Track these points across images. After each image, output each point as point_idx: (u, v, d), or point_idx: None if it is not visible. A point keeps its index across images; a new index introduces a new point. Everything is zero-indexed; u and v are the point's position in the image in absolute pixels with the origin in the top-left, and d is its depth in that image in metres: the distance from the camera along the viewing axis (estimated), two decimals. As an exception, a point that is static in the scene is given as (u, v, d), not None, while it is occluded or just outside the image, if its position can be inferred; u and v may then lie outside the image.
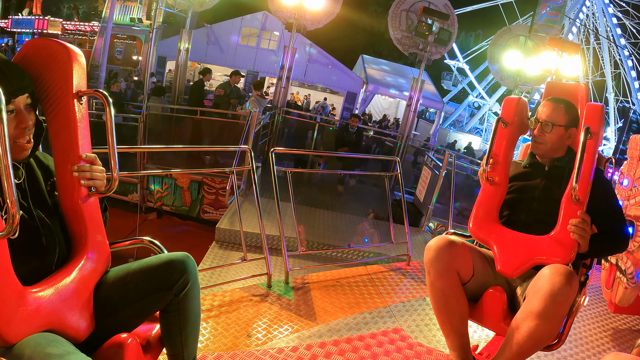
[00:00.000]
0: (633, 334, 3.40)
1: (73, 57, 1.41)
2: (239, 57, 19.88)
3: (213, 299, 2.96)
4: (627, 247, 2.06)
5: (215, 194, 7.73)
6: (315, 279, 3.57)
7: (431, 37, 9.31)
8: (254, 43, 19.99)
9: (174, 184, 7.82)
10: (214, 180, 7.62)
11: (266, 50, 20.21)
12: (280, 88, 9.29)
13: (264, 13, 19.28)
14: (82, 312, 1.41)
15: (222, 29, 19.13)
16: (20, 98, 1.31)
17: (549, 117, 2.07)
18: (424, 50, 9.55)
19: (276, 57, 19.87)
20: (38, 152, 1.47)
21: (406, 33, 9.58)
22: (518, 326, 1.77)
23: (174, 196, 7.93)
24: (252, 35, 19.98)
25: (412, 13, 9.50)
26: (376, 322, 2.95)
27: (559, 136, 2.07)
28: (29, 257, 1.32)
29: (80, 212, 1.45)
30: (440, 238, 1.99)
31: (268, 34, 19.91)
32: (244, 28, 19.65)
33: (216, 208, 7.76)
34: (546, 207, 2.03)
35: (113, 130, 1.47)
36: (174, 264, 1.55)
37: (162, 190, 7.90)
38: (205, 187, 7.67)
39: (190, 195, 7.84)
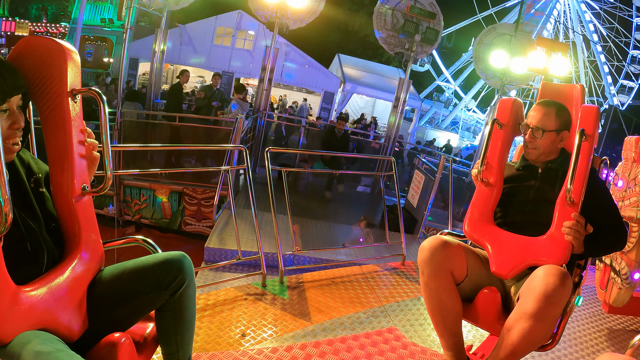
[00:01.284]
0: (627, 334, 3.42)
1: (68, 55, 1.41)
2: (214, 58, 19.43)
3: (207, 298, 2.98)
4: (625, 244, 2.07)
5: (198, 205, 7.42)
6: (309, 278, 3.58)
7: (418, 36, 8.86)
8: (229, 43, 19.54)
9: (152, 195, 7.46)
10: (195, 191, 7.35)
11: (242, 50, 19.72)
12: (262, 90, 8.68)
13: (239, 12, 18.89)
14: (75, 311, 1.41)
15: (195, 29, 18.53)
16: (14, 98, 1.31)
17: (539, 123, 2.07)
18: (410, 49, 9.14)
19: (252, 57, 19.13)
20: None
21: (392, 32, 9.19)
22: (512, 326, 1.77)
23: (153, 208, 7.57)
24: (226, 35, 19.48)
25: (397, 12, 9.09)
26: (371, 322, 2.97)
27: (550, 141, 2.08)
28: (16, 263, 1.28)
29: (73, 210, 1.45)
30: (435, 238, 1.98)
31: (243, 34, 19.40)
32: (218, 28, 19.18)
33: (199, 219, 7.46)
34: (540, 208, 2.04)
35: (107, 128, 1.47)
36: (170, 264, 1.55)
37: (140, 202, 7.54)
38: (186, 198, 7.37)
39: (171, 207, 7.49)
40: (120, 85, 8.73)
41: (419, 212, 7.55)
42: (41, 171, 1.49)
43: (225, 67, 19.40)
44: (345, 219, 7.64)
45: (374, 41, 33.40)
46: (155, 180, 7.42)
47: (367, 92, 22.09)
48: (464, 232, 2.16)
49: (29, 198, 1.41)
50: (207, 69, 19.73)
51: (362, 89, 21.43)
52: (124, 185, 7.42)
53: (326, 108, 20.19)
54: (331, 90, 20.13)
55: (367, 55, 31.15)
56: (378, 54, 32.46)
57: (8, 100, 1.28)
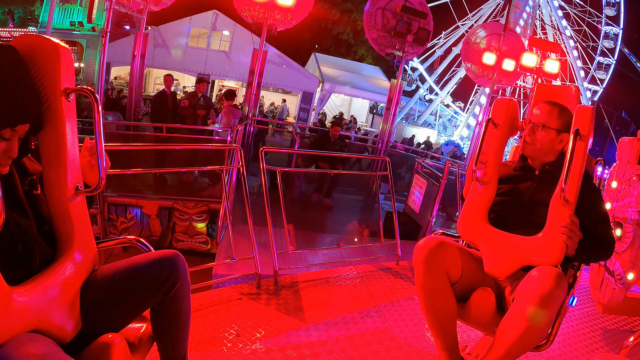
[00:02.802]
0: (621, 334, 3.43)
1: (62, 54, 1.40)
2: (189, 60, 19.02)
3: (202, 298, 3.00)
4: (612, 255, 2.10)
5: (189, 220, 7.01)
6: (304, 278, 3.59)
7: (410, 36, 8.50)
8: (204, 44, 18.96)
9: (140, 212, 7.01)
10: (186, 205, 6.96)
11: (217, 52, 19.35)
12: (251, 95, 8.13)
13: (214, 12, 18.52)
14: (68, 312, 1.40)
15: (169, 30, 17.91)
16: (24, 127, 1.31)
17: (541, 119, 2.09)
18: (401, 50, 8.76)
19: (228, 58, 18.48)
20: None
21: (382, 32, 8.85)
22: (507, 327, 1.80)
23: (141, 226, 7.14)
24: (201, 36, 18.74)
25: (388, 11, 8.71)
26: (365, 322, 2.98)
27: (549, 139, 2.09)
28: (7, 264, 1.27)
29: (67, 210, 1.45)
30: (429, 238, 2.00)
31: (219, 35, 18.69)
32: (193, 29, 18.54)
33: (191, 235, 7.06)
34: (535, 210, 2.05)
35: (101, 128, 1.46)
36: (163, 263, 1.56)
37: (126, 220, 7.04)
38: (176, 214, 6.99)
39: (160, 224, 7.06)
40: (101, 94, 7.98)
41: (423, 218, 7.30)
42: (36, 172, 1.48)
43: (201, 69, 18.95)
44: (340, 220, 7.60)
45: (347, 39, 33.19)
46: (143, 196, 7.06)
47: (346, 91, 21.94)
48: (458, 232, 2.18)
49: (21, 199, 1.40)
50: (182, 71, 19.16)
51: (341, 88, 21.29)
52: (107, 203, 6.94)
53: (305, 108, 20.00)
54: (310, 90, 19.97)
55: (341, 52, 30.91)
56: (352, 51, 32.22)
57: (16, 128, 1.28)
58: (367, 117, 26.97)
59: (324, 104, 20.99)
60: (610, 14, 29.91)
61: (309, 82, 20.04)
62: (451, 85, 29.27)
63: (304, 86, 19.85)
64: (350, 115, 24.30)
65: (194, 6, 19.07)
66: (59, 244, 1.46)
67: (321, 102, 20.37)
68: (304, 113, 19.85)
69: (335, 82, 20.88)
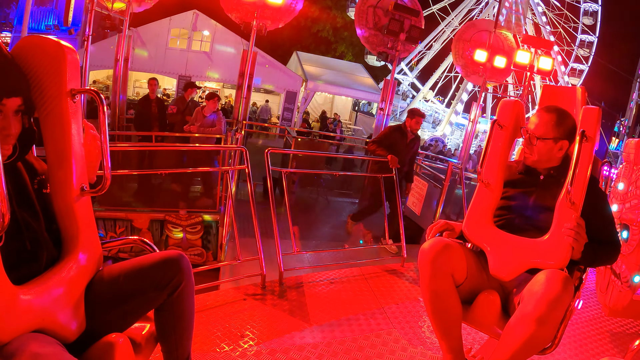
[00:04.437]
0: (627, 337, 3.41)
1: (67, 54, 1.39)
2: (169, 62, 18.74)
3: (206, 299, 3.02)
4: (618, 258, 2.08)
5: (183, 232, 6.73)
6: (309, 279, 3.59)
7: (403, 35, 8.23)
8: (185, 45, 18.49)
9: (130, 226, 6.65)
10: (179, 217, 6.68)
11: (198, 53, 19.07)
12: (242, 99, 7.75)
13: (194, 12, 18.14)
14: (73, 311, 1.41)
15: (148, 31, 17.40)
16: (12, 100, 1.28)
17: (537, 130, 2.07)
18: (394, 48, 8.49)
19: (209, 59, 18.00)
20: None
21: (374, 31, 8.57)
22: (513, 330, 1.79)
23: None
24: (182, 37, 18.18)
25: (379, 9, 8.44)
26: (370, 324, 2.98)
27: (547, 149, 2.07)
28: (15, 262, 1.28)
29: (72, 211, 1.46)
30: (435, 240, 1.98)
31: (199, 35, 18.20)
32: (172, 29, 18.01)
33: (185, 248, 6.76)
34: (539, 215, 2.05)
35: (106, 128, 1.46)
36: (167, 264, 1.56)
37: (116, 235, 6.68)
38: (169, 226, 6.70)
39: (152, 237, 6.76)
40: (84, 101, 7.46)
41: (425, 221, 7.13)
42: (45, 172, 1.48)
43: (182, 71, 18.47)
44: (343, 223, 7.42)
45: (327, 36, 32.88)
46: (132, 209, 6.73)
47: (329, 90, 21.84)
48: (464, 234, 2.16)
49: (30, 198, 1.41)
50: (163, 73, 18.67)
51: (325, 87, 21.10)
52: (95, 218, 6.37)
53: (289, 108, 19.59)
54: (293, 89, 19.69)
55: (321, 50, 30.70)
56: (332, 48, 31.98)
57: (4, 102, 1.26)
58: (350, 114, 26.76)
59: (307, 103, 20.68)
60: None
61: (292, 81, 19.87)
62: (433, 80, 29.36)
63: (287, 85, 19.68)
64: (333, 113, 24.04)
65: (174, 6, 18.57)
66: (64, 244, 1.47)
67: (305, 101, 20.06)
68: (287, 113, 19.51)
69: (318, 80, 20.66)
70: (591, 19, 30.54)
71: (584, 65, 31.14)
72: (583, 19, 30.27)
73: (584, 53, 30.79)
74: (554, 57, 10.21)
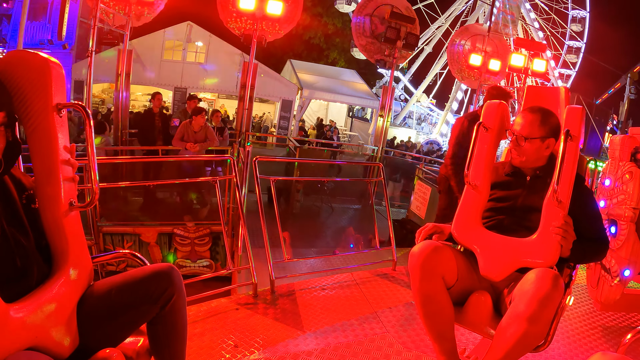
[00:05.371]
0: (620, 331, 3.42)
1: (52, 69, 1.41)
2: (164, 74, 18.64)
3: (199, 310, 3.00)
4: (606, 254, 2.15)
5: (191, 245, 6.76)
6: (300, 286, 3.59)
7: (400, 42, 8.37)
8: (180, 57, 18.42)
9: (138, 240, 6.71)
10: (187, 230, 6.72)
11: (193, 64, 19.06)
12: (243, 110, 7.81)
13: (188, 24, 18.14)
14: (65, 327, 1.41)
15: (143, 44, 17.21)
16: None
17: (523, 131, 2.11)
18: (391, 55, 8.62)
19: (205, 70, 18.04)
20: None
21: (371, 39, 8.69)
22: (505, 330, 1.80)
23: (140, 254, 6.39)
24: (176, 48, 18.10)
25: (375, 18, 8.56)
26: (363, 329, 2.98)
27: (535, 148, 2.11)
28: (5, 279, 1.30)
29: (61, 226, 1.45)
30: (424, 244, 2.01)
31: (194, 47, 18.18)
32: (167, 41, 18.04)
33: (194, 260, 6.81)
34: (528, 215, 2.09)
35: (93, 142, 1.48)
36: (158, 276, 1.56)
37: (124, 249, 6.64)
38: (177, 239, 6.73)
39: (160, 251, 6.77)
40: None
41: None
42: (33, 186, 1.48)
43: (177, 82, 18.45)
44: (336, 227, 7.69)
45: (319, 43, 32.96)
46: (140, 223, 6.83)
47: (325, 97, 22.00)
48: (453, 236, 2.18)
49: (19, 213, 1.40)
50: (158, 85, 18.53)
51: (320, 94, 21.22)
52: (103, 233, 6.63)
53: (285, 117, 19.67)
54: (289, 98, 19.73)
55: (313, 57, 30.83)
56: (324, 55, 32.10)
57: None
58: (345, 120, 26.89)
59: (303, 111, 20.76)
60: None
61: (287, 89, 19.96)
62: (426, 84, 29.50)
63: (283, 94, 19.76)
64: (329, 120, 24.14)
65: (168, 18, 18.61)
66: (54, 260, 1.47)
67: (301, 109, 20.13)
68: (284, 122, 19.59)
69: (313, 88, 20.78)
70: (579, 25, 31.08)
71: (572, 70, 31.70)
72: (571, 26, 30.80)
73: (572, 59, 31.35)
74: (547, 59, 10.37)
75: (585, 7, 30.93)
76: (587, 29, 31.18)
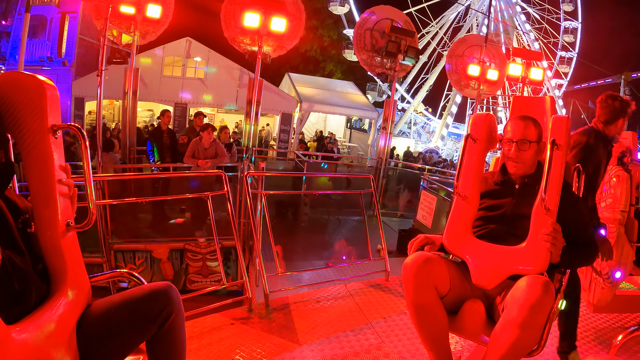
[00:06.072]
0: (613, 332, 3.49)
1: (47, 90, 1.41)
2: (164, 90, 18.63)
3: (194, 326, 3.00)
4: (596, 258, 2.21)
5: (202, 260, 6.78)
6: (295, 299, 3.61)
7: (401, 55, 8.55)
8: (179, 73, 18.52)
9: (149, 257, 6.70)
10: (198, 245, 6.72)
11: (193, 80, 19.10)
12: (250, 126, 7.94)
13: (187, 40, 18.16)
14: (65, 348, 1.42)
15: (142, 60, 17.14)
16: None
17: (524, 135, 2.14)
18: (392, 69, 8.78)
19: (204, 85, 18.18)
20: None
21: (372, 53, 8.82)
22: (499, 337, 1.85)
23: (152, 271, 6.79)
24: (176, 64, 18.25)
25: (375, 32, 8.73)
26: (359, 340, 2.99)
27: (534, 152, 2.17)
28: (4, 302, 1.29)
29: (59, 247, 1.47)
30: (416, 255, 2.05)
31: (193, 62, 18.33)
32: (166, 57, 18.09)
33: (205, 275, 6.83)
34: (517, 223, 2.13)
35: (89, 163, 1.50)
36: (156, 295, 1.57)
37: (135, 266, 6.73)
38: (189, 255, 6.74)
39: (172, 267, 6.77)
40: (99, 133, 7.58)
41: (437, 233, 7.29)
42: (28, 210, 1.49)
43: (177, 98, 18.67)
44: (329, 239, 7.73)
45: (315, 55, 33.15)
46: (151, 240, 6.84)
47: (324, 110, 22.09)
48: (444, 246, 2.23)
49: (15, 238, 1.40)
50: (158, 101, 18.80)
51: (319, 107, 21.37)
52: (114, 251, 6.61)
53: (285, 130, 19.78)
54: (288, 111, 19.84)
55: (309, 70, 31.03)
56: (320, 67, 32.28)
57: None
58: (344, 132, 27.04)
59: (303, 124, 20.88)
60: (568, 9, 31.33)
61: (287, 103, 20.00)
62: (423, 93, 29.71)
63: (283, 107, 19.81)
64: (327, 131, 24.28)
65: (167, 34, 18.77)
66: (52, 281, 1.48)
67: (300, 122, 20.25)
68: (284, 135, 19.70)
69: (312, 101, 20.88)
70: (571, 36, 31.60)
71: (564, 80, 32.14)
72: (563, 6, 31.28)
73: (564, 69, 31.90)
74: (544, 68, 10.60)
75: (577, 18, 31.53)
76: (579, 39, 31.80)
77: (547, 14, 31.52)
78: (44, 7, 19.64)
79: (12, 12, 19.87)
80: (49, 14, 19.83)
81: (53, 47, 19.87)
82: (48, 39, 19.95)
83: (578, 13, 31.38)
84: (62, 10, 19.74)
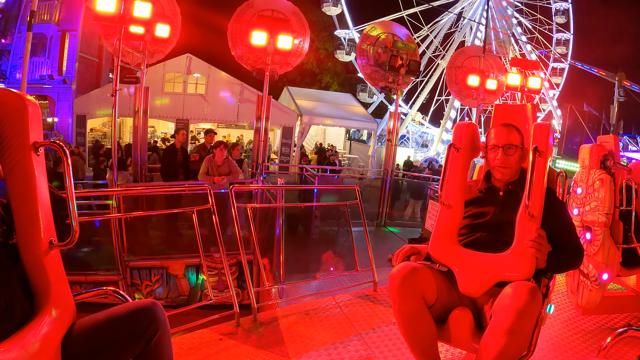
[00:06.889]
0: (603, 333, 3.48)
1: (29, 108, 1.41)
2: (166, 106, 19.13)
3: (182, 342, 2.96)
4: (581, 263, 2.20)
5: (218, 275, 6.90)
6: (283, 313, 3.57)
7: (403, 69, 8.79)
8: (180, 89, 18.57)
9: (165, 273, 6.84)
10: (214, 260, 6.76)
11: (194, 96, 19.25)
12: (259, 142, 8.11)
13: (187, 56, 18.25)
14: None
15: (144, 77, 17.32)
16: None
17: (509, 140, 2.19)
18: (395, 82, 9.01)
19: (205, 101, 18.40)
20: None
21: (375, 67, 9.03)
22: (488, 343, 1.86)
23: (168, 287, 6.98)
24: (177, 80, 18.40)
25: (378, 47, 8.95)
26: (348, 352, 2.97)
27: (519, 157, 2.21)
28: None
29: (41, 265, 1.46)
30: (402, 265, 2.06)
31: (194, 79, 18.54)
32: (167, 74, 18.15)
33: (221, 290, 6.93)
34: (502, 230, 2.15)
35: (71, 180, 1.48)
36: (141, 312, 1.57)
37: (151, 282, 6.89)
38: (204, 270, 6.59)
39: (188, 282, 6.96)
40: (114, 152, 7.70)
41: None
42: (7, 222, 1.48)
43: (179, 114, 18.81)
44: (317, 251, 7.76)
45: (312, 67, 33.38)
46: (167, 257, 6.91)
47: (324, 122, 22.24)
48: (430, 255, 2.25)
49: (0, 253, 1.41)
50: (160, 118, 18.92)
51: (320, 120, 21.58)
52: (130, 268, 6.73)
53: (286, 143, 19.92)
54: (289, 124, 19.96)
55: (307, 82, 31.27)
56: (317, 79, 32.50)
57: None
58: (344, 143, 27.25)
59: (304, 137, 21.07)
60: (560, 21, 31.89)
61: (287, 116, 20.19)
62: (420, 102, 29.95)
63: (283, 121, 19.97)
64: (327, 143, 24.46)
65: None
66: (36, 299, 1.47)
67: (301, 135, 20.44)
68: (285, 148, 19.91)
69: (312, 114, 21.09)
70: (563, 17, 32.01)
71: (564, 63, 32.40)
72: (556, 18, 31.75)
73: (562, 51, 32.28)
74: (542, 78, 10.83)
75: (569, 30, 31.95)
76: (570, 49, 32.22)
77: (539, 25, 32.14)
78: (44, 26, 19.72)
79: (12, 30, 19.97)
80: (48, 32, 19.96)
81: (53, 65, 19.91)
82: (48, 57, 20.00)
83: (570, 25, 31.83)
84: (61, 28, 19.88)
